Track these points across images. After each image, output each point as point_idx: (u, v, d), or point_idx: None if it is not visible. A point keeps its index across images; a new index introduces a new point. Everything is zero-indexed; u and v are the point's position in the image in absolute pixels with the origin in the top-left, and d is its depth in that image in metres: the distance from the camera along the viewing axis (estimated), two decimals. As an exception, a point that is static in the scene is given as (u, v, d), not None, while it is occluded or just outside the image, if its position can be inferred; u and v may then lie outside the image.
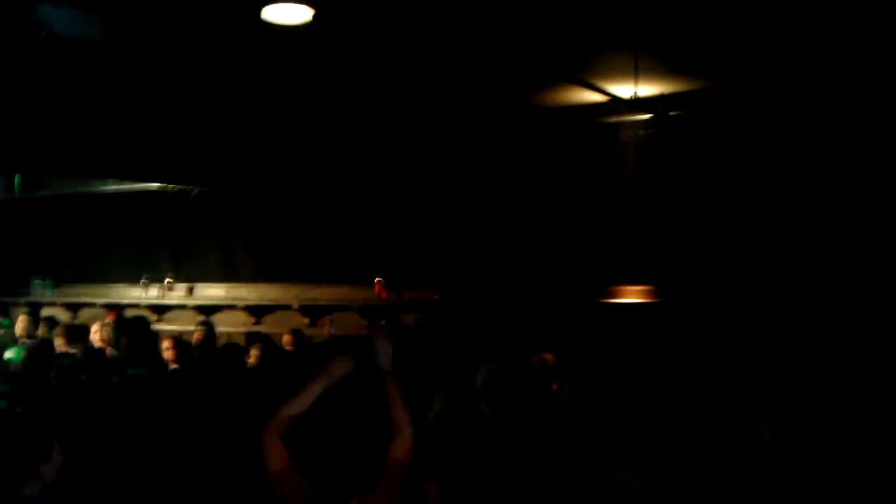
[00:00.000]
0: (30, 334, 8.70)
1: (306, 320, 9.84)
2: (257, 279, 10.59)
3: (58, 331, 8.02)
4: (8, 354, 8.04)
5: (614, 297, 8.15)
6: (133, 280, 11.29)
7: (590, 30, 5.86)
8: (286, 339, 8.44)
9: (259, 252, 10.58)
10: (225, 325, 9.97)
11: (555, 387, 6.33)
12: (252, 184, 9.62)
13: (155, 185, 10.68)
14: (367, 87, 7.39)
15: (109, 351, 7.68)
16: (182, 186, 10.51)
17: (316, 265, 9.98)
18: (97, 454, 3.97)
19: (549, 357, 6.53)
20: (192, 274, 11.03)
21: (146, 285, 11.18)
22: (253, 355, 7.34)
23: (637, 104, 7.20)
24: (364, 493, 3.18)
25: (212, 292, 10.90)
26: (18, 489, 3.25)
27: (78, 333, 7.98)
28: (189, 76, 6.96)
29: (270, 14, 5.28)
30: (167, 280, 11.05)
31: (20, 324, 8.87)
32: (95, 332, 8.11)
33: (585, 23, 5.72)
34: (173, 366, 7.26)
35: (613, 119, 8.04)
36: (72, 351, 7.32)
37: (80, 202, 11.54)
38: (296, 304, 10.02)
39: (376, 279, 9.48)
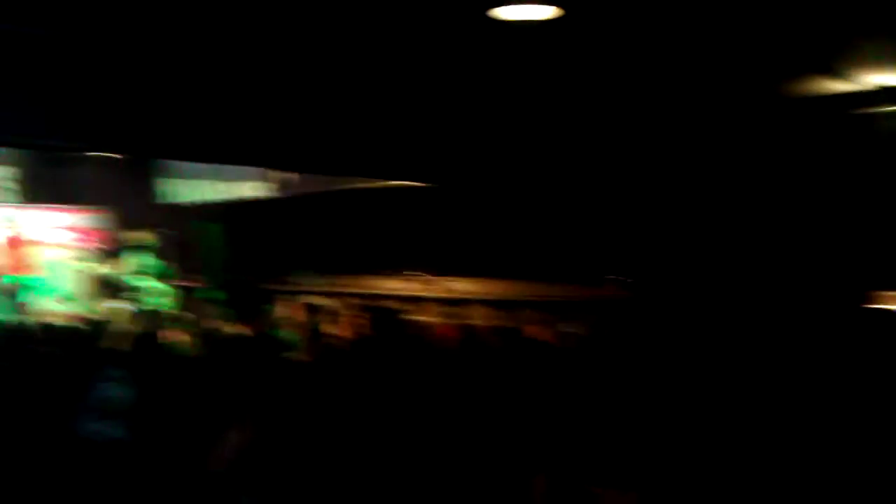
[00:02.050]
0: (293, 321, 9.20)
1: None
2: (505, 275, 10.76)
3: None
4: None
5: (879, 303, 7.64)
6: (389, 272, 11.78)
7: (844, 15, 5.55)
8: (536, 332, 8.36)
9: (506, 249, 10.73)
10: (471, 319, 10.17)
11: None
12: (500, 182, 9.80)
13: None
14: (613, 82, 7.36)
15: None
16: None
17: (557, 263, 10.01)
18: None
19: None
20: (442, 267, 11.39)
21: (401, 277, 11.63)
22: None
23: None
24: None
25: (461, 286, 11.17)
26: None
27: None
28: (432, 79, 7.23)
29: (508, 13, 5.39)
30: (419, 273, 11.44)
31: (282, 310, 9.45)
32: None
33: (840, 8, 5.42)
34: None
35: (870, 110, 7.55)
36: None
37: (341, 198, 12.20)
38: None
39: (610, 278, 9.38)
